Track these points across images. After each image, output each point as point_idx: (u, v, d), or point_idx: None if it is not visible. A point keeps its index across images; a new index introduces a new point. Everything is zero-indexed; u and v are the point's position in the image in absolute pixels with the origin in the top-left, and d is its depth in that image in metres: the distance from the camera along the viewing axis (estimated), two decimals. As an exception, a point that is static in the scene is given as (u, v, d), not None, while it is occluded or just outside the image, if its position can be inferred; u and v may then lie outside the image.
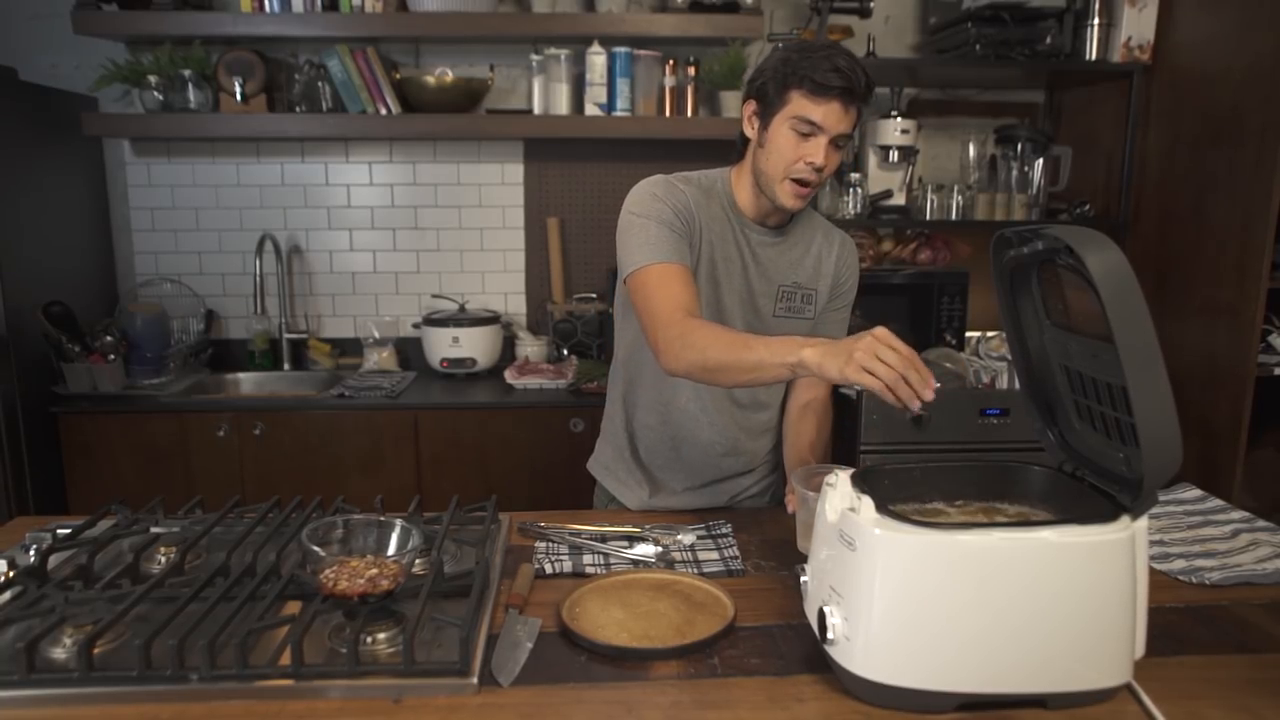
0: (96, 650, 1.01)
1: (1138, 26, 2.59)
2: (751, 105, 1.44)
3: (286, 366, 3.02)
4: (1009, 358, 2.59)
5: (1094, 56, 2.66)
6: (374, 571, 1.10)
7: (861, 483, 1.01)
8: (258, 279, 2.94)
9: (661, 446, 1.62)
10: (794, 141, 1.38)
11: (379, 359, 2.99)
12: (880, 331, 1.12)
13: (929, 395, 1.09)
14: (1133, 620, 0.96)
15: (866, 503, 0.97)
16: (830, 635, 0.98)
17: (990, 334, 2.84)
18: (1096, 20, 2.63)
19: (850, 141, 1.41)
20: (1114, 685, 0.97)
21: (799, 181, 1.40)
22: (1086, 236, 0.93)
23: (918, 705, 0.95)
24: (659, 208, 1.44)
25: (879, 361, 1.10)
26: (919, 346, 2.71)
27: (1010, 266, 1.11)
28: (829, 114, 1.34)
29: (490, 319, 2.89)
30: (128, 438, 2.57)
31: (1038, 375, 1.16)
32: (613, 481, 1.70)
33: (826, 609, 0.98)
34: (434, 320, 2.87)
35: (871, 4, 2.63)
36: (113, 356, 2.65)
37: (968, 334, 2.80)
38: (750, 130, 1.46)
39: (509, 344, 3.02)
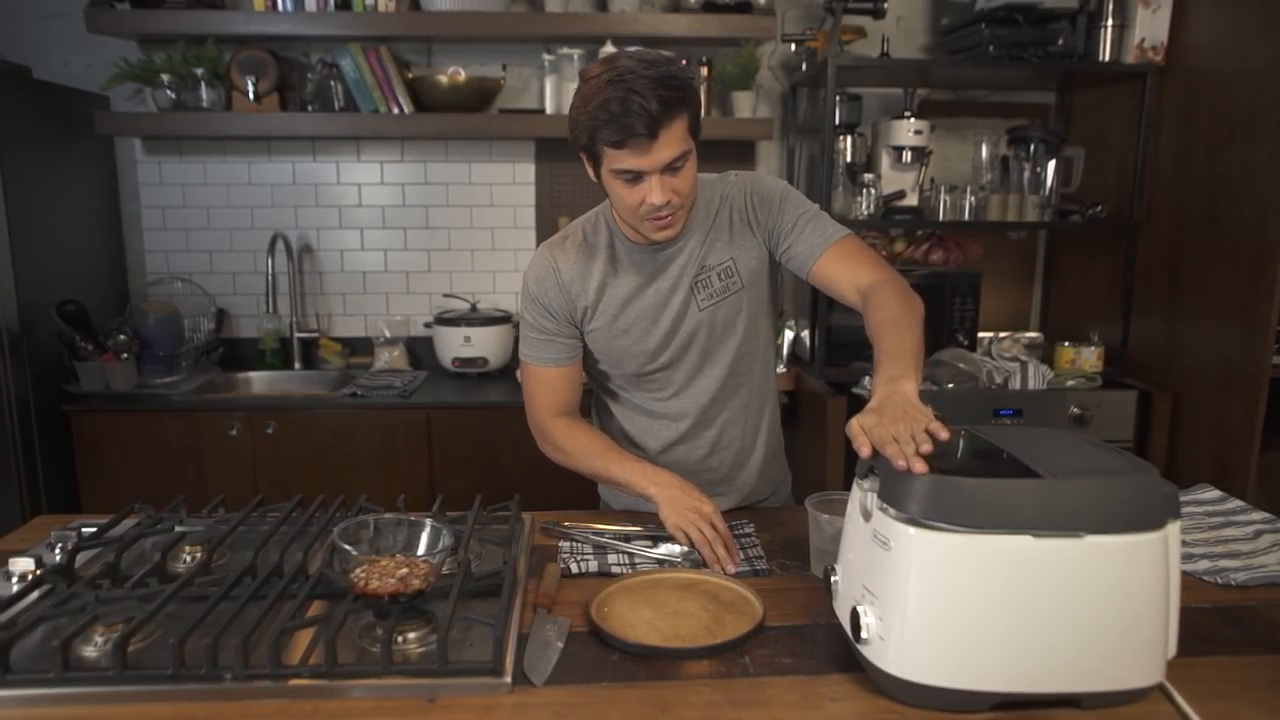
0: (129, 649, 1.01)
1: (1151, 28, 2.59)
2: (582, 155, 1.37)
3: (297, 365, 3.02)
4: (1021, 358, 2.60)
5: (1107, 58, 2.65)
6: (404, 571, 1.10)
7: (894, 483, 1.01)
8: (269, 278, 2.94)
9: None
10: (627, 189, 1.32)
11: (389, 358, 2.99)
12: (710, 510, 1.34)
13: (731, 569, 1.29)
14: (1165, 620, 0.97)
15: (901, 503, 0.97)
16: (864, 635, 0.98)
17: (1002, 335, 2.84)
18: (1110, 21, 2.63)
19: (690, 157, 1.33)
20: (1147, 685, 0.97)
21: (656, 216, 1.35)
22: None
23: (952, 704, 0.95)
24: (532, 310, 1.52)
25: (696, 530, 1.31)
26: (931, 347, 2.73)
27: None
28: (640, 158, 1.28)
29: (502, 318, 2.89)
30: (140, 436, 2.57)
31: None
32: (615, 500, 1.70)
33: (860, 608, 0.98)
34: (445, 320, 2.87)
35: (885, 4, 2.62)
36: (125, 355, 2.65)
37: (980, 334, 2.80)
38: (593, 177, 1.39)
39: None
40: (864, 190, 2.73)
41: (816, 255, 1.43)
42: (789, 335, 2.94)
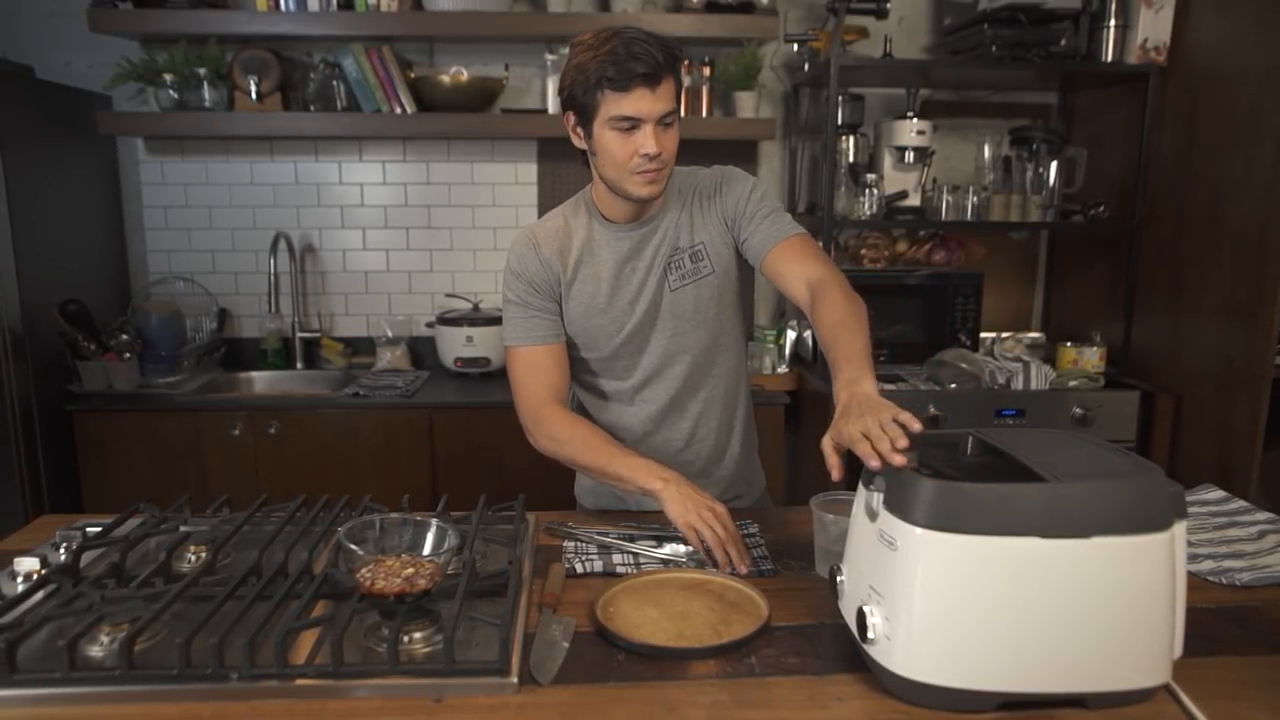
0: (135, 648, 1.01)
1: (1153, 28, 2.59)
2: (570, 117, 1.41)
3: (299, 365, 3.02)
4: (1024, 358, 2.60)
5: (1110, 58, 2.65)
6: (410, 571, 1.10)
7: (900, 483, 1.01)
8: (271, 278, 2.94)
9: None
10: (620, 140, 1.36)
11: (391, 358, 2.99)
12: (722, 510, 1.33)
13: (742, 570, 1.28)
14: (1171, 621, 0.97)
15: (908, 503, 0.96)
16: (870, 635, 0.98)
17: (1005, 335, 2.84)
18: (1112, 22, 2.63)
19: (677, 119, 1.40)
20: (1153, 685, 0.97)
21: (645, 170, 1.38)
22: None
23: (958, 704, 0.95)
24: (515, 286, 1.52)
25: (708, 528, 1.29)
26: (933, 348, 2.73)
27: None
28: (640, 103, 1.33)
29: (504, 318, 2.88)
30: (142, 436, 2.57)
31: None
32: (590, 499, 1.71)
33: (866, 609, 0.98)
34: (447, 320, 2.87)
35: (888, 4, 2.62)
36: (128, 355, 2.65)
37: (982, 334, 2.80)
38: (578, 141, 1.43)
39: (522, 343, 3.01)
40: (866, 190, 2.73)
41: (770, 246, 1.48)
42: (790, 335, 2.94)
